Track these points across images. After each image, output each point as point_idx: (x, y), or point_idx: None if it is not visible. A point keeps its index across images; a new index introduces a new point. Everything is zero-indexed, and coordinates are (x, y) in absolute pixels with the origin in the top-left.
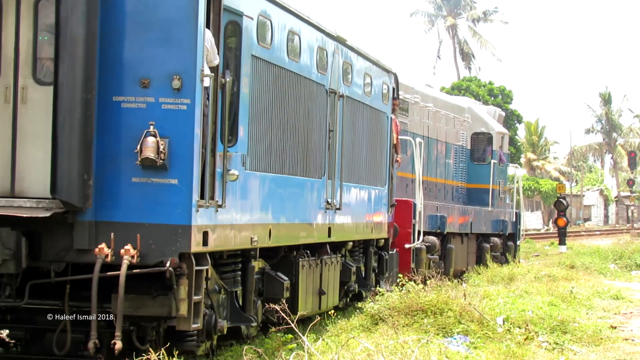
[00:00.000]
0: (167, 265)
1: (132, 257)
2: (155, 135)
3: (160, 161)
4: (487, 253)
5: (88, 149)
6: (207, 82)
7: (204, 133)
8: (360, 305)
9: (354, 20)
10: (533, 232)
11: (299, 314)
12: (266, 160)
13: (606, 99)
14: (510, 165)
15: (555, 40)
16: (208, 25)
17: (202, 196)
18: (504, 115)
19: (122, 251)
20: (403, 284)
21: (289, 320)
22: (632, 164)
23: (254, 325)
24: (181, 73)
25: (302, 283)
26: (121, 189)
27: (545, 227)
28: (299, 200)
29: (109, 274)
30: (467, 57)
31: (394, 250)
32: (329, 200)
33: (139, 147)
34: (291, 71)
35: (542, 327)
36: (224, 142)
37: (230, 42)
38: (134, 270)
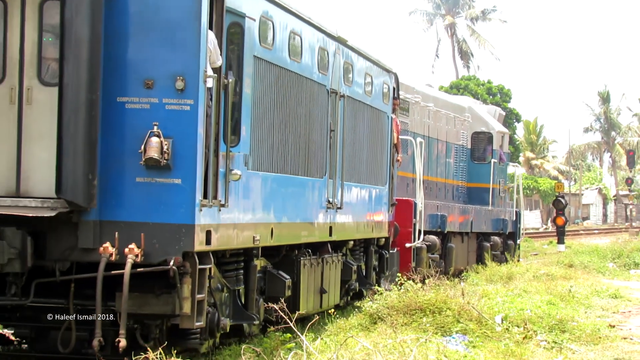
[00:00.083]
0: (171, 264)
1: (136, 256)
2: (159, 136)
3: (164, 161)
4: (487, 252)
5: (93, 149)
6: (210, 83)
7: (207, 133)
8: (359, 305)
9: (353, 19)
10: (532, 231)
11: (297, 313)
12: (268, 160)
13: (605, 98)
14: (510, 164)
15: (554, 39)
16: (211, 27)
17: (205, 196)
18: (504, 114)
19: (127, 250)
20: (402, 283)
21: (288, 320)
22: (631, 163)
23: (256, 323)
24: (184, 74)
25: (304, 282)
26: (125, 189)
27: (544, 226)
28: (301, 200)
29: (113, 272)
30: (466, 56)
31: (395, 250)
32: (330, 199)
33: (142, 147)
34: (293, 71)
35: (541, 326)
36: (227, 142)
37: (233, 43)
38: (138, 269)
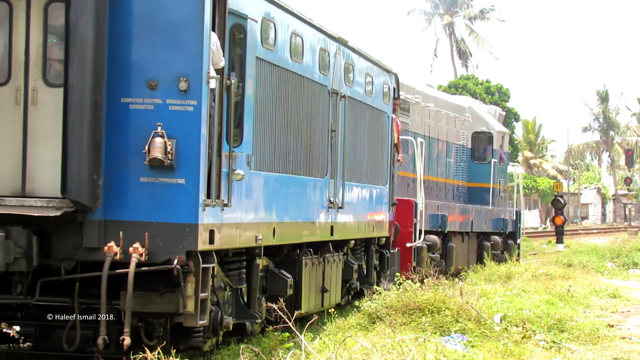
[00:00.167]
0: (175, 263)
1: (141, 255)
2: (162, 136)
3: (168, 161)
4: (487, 252)
5: (97, 149)
6: (213, 84)
7: (210, 133)
8: (358, 304)
9: (351, 19)
10: (530, 231)
11: (297, 312)
12: (270, 160)
13: (603, 97)
14: (510, 164)
15: (553, 38)
16: (214, 28)
17: (209, 195)
18: (504, 114)
19: (131, 249)
20: (401, 283)
21: (287, 319)
22: (630, 162)
23: (258, 322)
24: (188, 75)
25: (305, 281)
26: (129, 189)
27: (543, 226)
28: (302, 200)
29: (117, 271)
30: (464, 56)
31: (396, 249)
32: (332, 199)
33: (146, 148)
34: (294, 72)
35: (540, 326)
36: (230, 143)
37: (235, 45)
38: (142, 268)
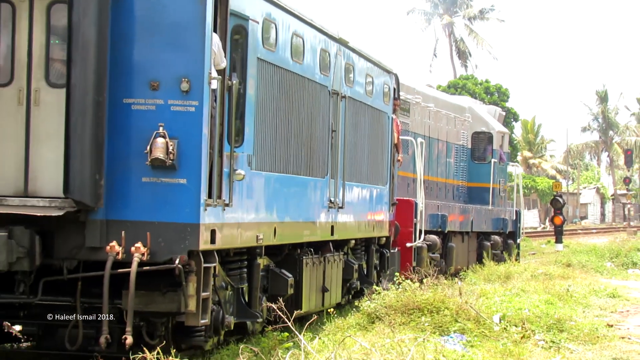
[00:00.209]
0: (176, 262)
1: (143, 255)
2: (164, 136)
3: (170, 161)
4: (487, 251)
5: (99, 149)
6: (215, 85)
7: (212, 134)
8: (357, 304)
9: (350, 18)
10: (530, 231)
11: (296, 312)
12: (271, 160)
13: (602, 97)
14: (510, 164)
15: (552, 38)
16: (215, 29)
17: (210, 195)
18: (504, 114)
19: (133, 249)
20: (400, 282)
21: (286, 319)
22: (629, 162)
23: (259, 321)
24: (189, 76)
25: (306, 280)
26: (131, 189)
27: (542, 225)
28: (303, 199)
29: (119, 271)
30: (464, 55)
31: (396, 249)
32: (332, 199)
33: (148, 148)
34: (295, 73)
35: (539, 326)
36: (231, 143)
37: (237, 46)
38: (144, 268)
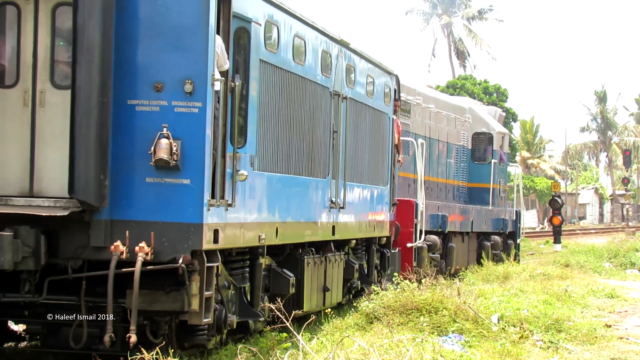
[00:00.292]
0: (180, 262)
1: (146, 254)
2: (168, 137)
3: (173, 162)
4: (487, 251)
5: (104, 150)
6: (218, 86)
7: (215, 135)
8: (355, 304)
9: (349, 18)
10: (528, 231)
11: (294, 312)
12: (273, 160)
13: (601, 97)
14: (510, 164)
15: (551, 39)
16: (218, 32)
17: (213, 196)
18: (504, 115)
19: (137, 248)
20: (398, 283)
21: (284, 319)
22: (627, 162)
23: (261, 320)
24: (193, 77)
25: (307, 280)
26: (136, 189)
27: (541, 226)
28: (305, 200)
29: (124, 270)
30: (462, 56)
31: (397, 249)
32: (333, 199)
33: (152, 149)
34: (297, 74)
35: (537, 326)
36: (234, 144)
37: (240, 48)
38: (148, 267)
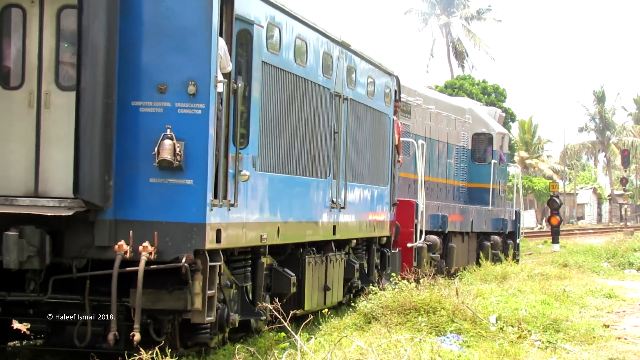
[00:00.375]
0: (183, 261)
1: (150, 254)
2: (171, 138)
3: (177, 163)
4: (486, 251)
5: (108, 151)
6: (221, 88)
7: (218, 136)
8: (353, 304)
9: (348, 18)
10: (526, 231)
11: (292, 312)
12: (275, 161)
13: (600, 97)
14: (510, 164)
15: (549, 39)
16: (221, 34)
17: (216, 196)
18: (504, 115)
19: (141, 248)
20: (397, 283)
21: (282, 319)
22: (626, 163)
23: (263, 319)
24: (196, 79)
25: (308, 279)
26: (139, 189)
27: (539, 226)
28: (306, 200)
29: (127, 269)
30: (461, 56)
31: (397, 249)
32: (334, 199)
33: (156, 150)
34: (298, 76)
35: (535, 326)
36: (236, 144)
37: (242, 50)
38: (152, 266)
